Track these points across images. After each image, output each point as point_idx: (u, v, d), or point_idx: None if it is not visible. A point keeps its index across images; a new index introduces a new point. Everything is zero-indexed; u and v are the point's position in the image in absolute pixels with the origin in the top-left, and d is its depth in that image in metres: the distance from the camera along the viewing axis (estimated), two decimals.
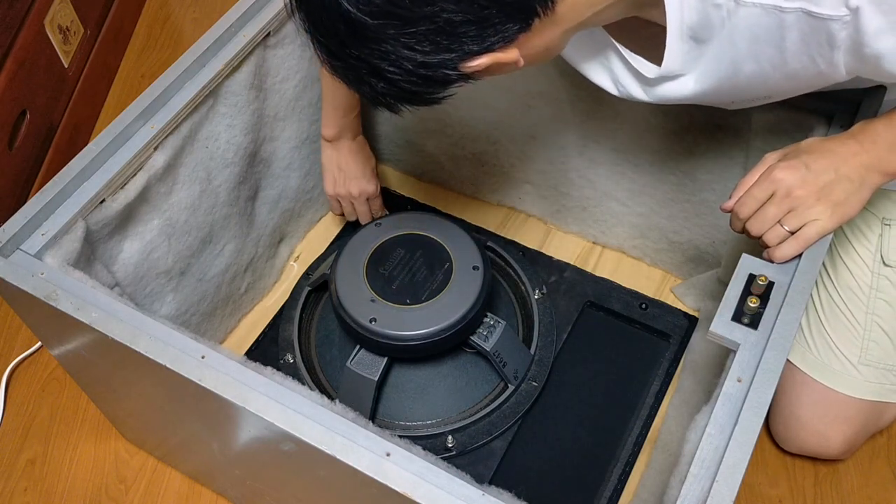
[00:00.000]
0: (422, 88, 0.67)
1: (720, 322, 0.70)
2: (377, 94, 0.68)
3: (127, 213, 0.87)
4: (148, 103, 0.86)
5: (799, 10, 0.64)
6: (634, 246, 1.18)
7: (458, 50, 0.63)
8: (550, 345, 1.05)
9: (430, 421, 0.98)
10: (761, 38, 0.67)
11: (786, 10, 0.64)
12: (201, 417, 0.79)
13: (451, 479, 0.63)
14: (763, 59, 0.69)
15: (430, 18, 0.61)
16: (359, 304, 0.93)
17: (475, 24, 0.62)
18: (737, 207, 0.75)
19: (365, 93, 0.69)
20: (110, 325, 0.72)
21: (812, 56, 0.67)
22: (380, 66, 0.64)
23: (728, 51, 0.70)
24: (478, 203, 1.28)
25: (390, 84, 0.66)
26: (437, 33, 0.62)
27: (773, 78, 0.71)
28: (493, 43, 0.64)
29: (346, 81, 0.69)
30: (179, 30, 1.64)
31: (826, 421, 0.95)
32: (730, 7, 0.66)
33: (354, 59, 0.65)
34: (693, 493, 0.62)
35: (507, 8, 0.63)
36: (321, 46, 0.66)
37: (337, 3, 0.61)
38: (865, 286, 0.91)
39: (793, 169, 0.72)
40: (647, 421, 1.02)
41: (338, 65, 0.67)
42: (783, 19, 0.65)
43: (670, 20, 0.69)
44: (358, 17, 0.61)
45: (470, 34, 0.63)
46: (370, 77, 0.66)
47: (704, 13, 0.68)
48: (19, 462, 1.07)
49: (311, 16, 0.64)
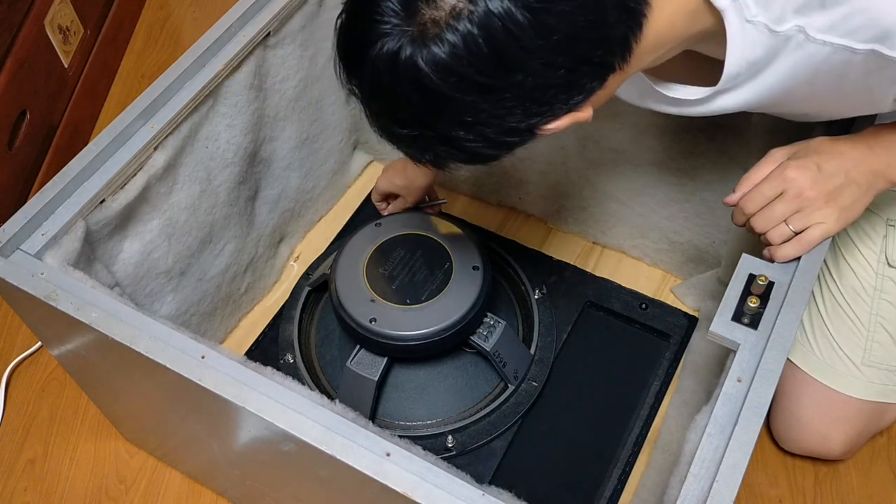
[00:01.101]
0: (493, 151, 0.64)
1: (720, 322, 0.70)
2: (439, 159, 0.65)
3: (127, 213, 0.87)
4: (148, 103, 0.86)
5: (870, 51, 0.63)
6: (634, 246, 1.18)
7: (547, 114, 0.62)
8: (550, 345, 1.04)
9: (430, 421, 0.98)
10: (823, 70, 0.66)
11: (857, 52, 0.63)
12: (201, 417, 0.79)
13: (451, 479, 0.63)
14: (818, 85, 0.68)
15: (520, 85, 0.58)
16: (359, 304, 0.93)
17: (564, 88, 0.60)
18: (743, 202, 0.75)
19: (423, 159, 0.65)
20: (110, 325, 0.72)
21: (869, 87, 0.66)
22: (455, 134, 0.61)
23: (786, 79, 0.68)
24: (478, 203, 1.28)
25: (460, 150, 0.63)
26: (527, 100, 0.59)
27: (820, 100, 0.70)
28: (576, 103, 0.63)
29: (404, 148, 0.65)
30: (179, 30, 1.64)
31: (828, 421, 0.95)
32: (799, 41, 0.65)
33: (426, 129, 0.61)
34: (693, 493, 0.62)
35: (593, 69, 0.61)
36: (382, 116, 0.63)
37: (413, 75, 0.57)
38: (869, 287, 0.91)
39: (805, 169, 0.72)
40: (647, 421, 1.02)
41: (402, 134, 0.63)
42: (852, 58, 0.64)
43: (731, 55, 0.67)
44: (441, 88, 0.57)
45: (560, 97, 0.61)
46: (439, 145, 0.63)
47: (771, 47, 0.66)
48: (19, 462, 1.07)
49: (373, 86, 0.60)
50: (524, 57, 0.57)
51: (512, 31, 0.55)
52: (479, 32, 0.55)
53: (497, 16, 0.55)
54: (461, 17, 0.55)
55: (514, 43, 0.56)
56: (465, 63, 0.56)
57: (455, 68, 0.56)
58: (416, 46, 0.56)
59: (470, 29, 0.55)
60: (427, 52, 0.56)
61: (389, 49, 0.57)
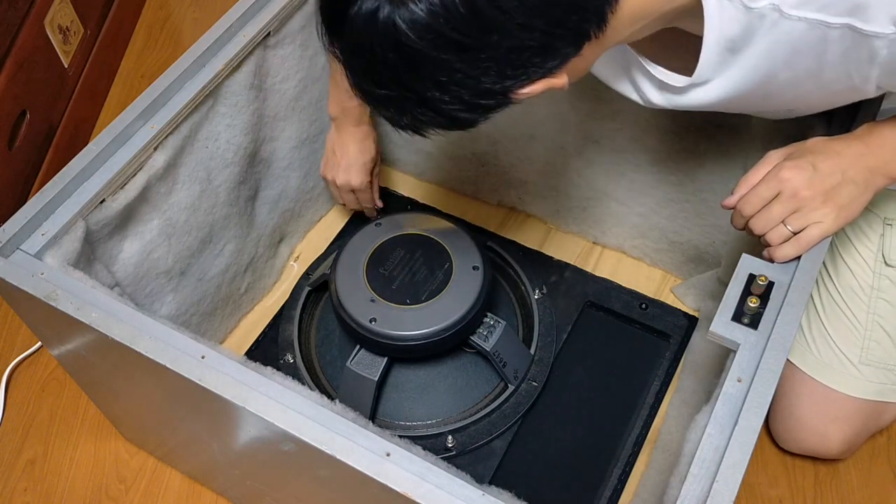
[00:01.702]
0: (469, 115, 0.65)
1: (720, 322, 0.70)
2: (417, 122, 0.66)
3: (127, 213, 0.87)
4: (148, 103, 0.86)
5: (845, 25, 0.63)
6: (634, 246, 1.18)
7: (522, 76, 0.62)
8: (550, 345, 1.05)
9: (430, 421, 0.98)
10: (802, 51, 0.66)
11: (832, 26, 0.63)
12: (201, 417, 0.79)
13: (451, 479, 0.63)
14: (799, 69, 0.68)
15: (495, 46, 0.59)
16: (359, 304, 0.93)
17: (539, 51, 0.62)
18: (741, 205, 0.75)
19: (402, 122, 0.66)
20: (110, 325, 0.72)
21: (849, 70, 0.66)
22: (432, 95, 0.62)
23: (765, 60, 0.69)
24: (478, 203, 1.28)
25: (437, 113, 0.64)
26: (502, 62, 0.60)
27: (804, 86, 0.70)
28: (551, 68, 0.64)
29: (383, 110, 0.66)
30: (179, 30, 1.64)
31: (826, 421, 0.95)
32: (774, 18, 0.65)
33: (403, 90, 0.62)
34: (693, 493, 0.62)
35: (567, 34, 0.62)
36: (362, 75, 0.63)
37: (391, 33, 0.58)
38: (867, 286, 0.91)
39: (800, 169, 0.72)
40: (647, 421, 1.02)
41: (381, 94, 0.64)
42: (827, 34, 0.64)
43: (708, 32, 0.68)
44: (417, 46, 0.58)
45: (534, 61, 0.62)
46: (416, 107, 0.64)
47: (747, 25, 0.67)
48: (19, 462, 1.07)
49: (352, 46, 0.61)
50: (500, 17, 0.58)
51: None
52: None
53: None
54: None
55: (491, 3, 0.57)
56: (441, 21, 0.57)
57: (432, 26, 0.57)
58: (395, 5, 0.58)
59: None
60: (405, 10, 0.57)
61: (368, 8, 0.58)
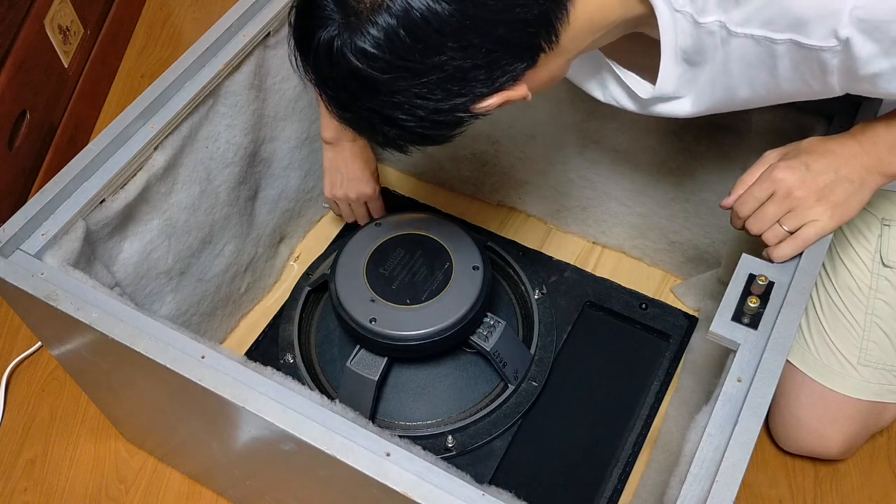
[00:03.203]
0: (434, 132, 0.68)
1: (720, 322, 0.70)
2: (389, 139, 0.69)
3: (127, 213, 0.87)
4: (148, 103, 0.86)
5: (788, 41, 0.64)
6: (634, 246, 1.18)
7: (469, 94, 0.65)
8: (550, 345, 1.05)
9: (430, 421, 0.98)
10: (754, 65, 0.68)
11: (776, 42, 0.65)
12: (201, 417, 0.79)
13: (451, 479, 0.63)
14: (757, 84, 0.70)
15: (440, 67, 0.62)
16: (359, 304, 0.93)
17: (484, 69, 0.64)
18: (737, 206, 0.76)
19: (377, 140, 0.70)
20: (110, 325, 0.72)
21: (805, 80, 0.67)
22: (392, 115, 0.65)
23: (722, 76, 0.71)
24: (478, 203, 1.28)
25: (403, 130, 0.67)
26: (448, 81, 0.63)
27: (768, 100, 0.72)
28: (502, 83, 0.66)
29: (357, 130, 0.71)
30: (179, 30, 1.64)
31: (825, 421, 0.95)
32: (722, 35, 0.67)
33: (366, 111, 0.66)
34: (693, 493, 0.62)
35: (513, 49, 0.64)
36: (330, 99, 0.67)
37: (346, 61, 0.62)
38: (865, 287, 0.91)
39: (793, 169, 0.72)
40: (647, 421, 1.02)
41: (348, 116, 0.68)
42: (774, 49, 0.66)
43: (664, 42, 0.70)
44: (368, 73, 0.62)
45: (479, 78, 0.64)
46: (383, 126, 0.67)
47: (698, 38, 0.69)
48: (19, 462, 1.07)
49: (318, 70, 0.65)
50: (441, 41, 0.61)
51: (429, 19, 0.60)
52: (399, 23, 0.60)
53: (415, 7, 0.60)
54: (381, 10, 0.60)
55: (431, 28, 0.60)
56: (386, 51, 0.61)
57: (378, 56, 0.61)
58: (347, 34, 0.62)
59: (390, 22, 0.60)
60: (356, 39, 0.61)
61: (326, 38, 0.62)
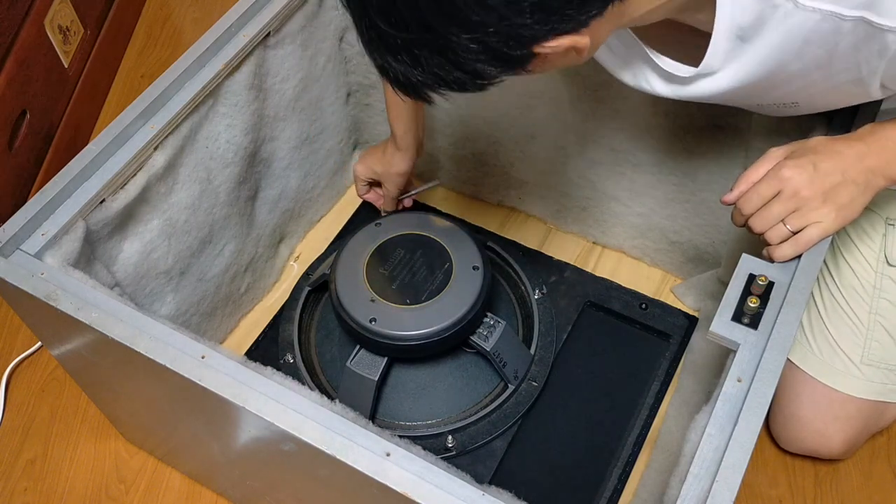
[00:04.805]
0: (491, 68, 0.60)
1: (720, 322, 0.70)
2: (428, 76, 0.61)
3: (127, 213, 0.87)
4: (148, 103, 0.86)
5: (859, 18, 0.62)
6: (634, 246, 1.18)
7: (557, 23, 0.59)
8: (550, 345, 1.05)
9: (430, 421, 0.98)
10: (813, 41, 0.66)
11: (845, 18, 0.63)
12: (201, 417, 0.79)
13: (451, 479, 0.63)
14: (809, 59, 0.68)
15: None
16: (359, 304, 0.93)
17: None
18: (741, 203, 0.75)
19: (411, 77, 0.61)
20: (110, 325, 0.72)
21: (858, 62, 0.66)
22: (457, 40, 0.57)
23: (776, 51, 0.68)
24: (478, 203, 1.28)
25: (454, 65, 0.59)
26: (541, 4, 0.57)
27: (811, 77, 0.70)
28: (580, 23, 0.60)
29: (392, 60, 0.61)
30: (179, 30, 1.64)
31: (826, 420, 0.95)
32: (787, 9, 0.64)
33: (425, 31, 0.57)
34: (693, 493, 0.62)
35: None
36: (379, 15, 0.58)
37: None
38: (869, 286, 0.91)
39: (801, 168, 0.72)
40: (647, 421, 1.02)
41: (396, 38, 0.58)
42: (840, 26, 0.63)
43: (720, 19, 0.67)
44: None
45: (570, 7, 0.58)
46: (434, 55, 0.59)
47: (759, 14, 0.66)
48: (19, 462, 1.07)
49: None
50: None
51: None
52: None
53: None
54: None
55: None
56: None
57: None
58: None
59: None
60: None
61: None
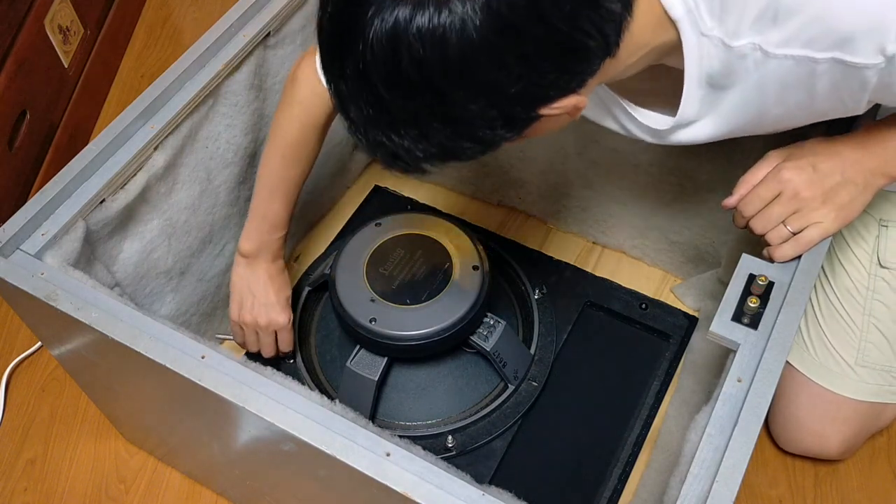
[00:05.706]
0: (496, 133, 0.60)
1: (720, 322, 0.70)
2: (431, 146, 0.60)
3: (127, 213, 0.87)
4: (148, 103, 0.86)
5: (831, 59, 0.62)
6: (634, 246, 1.18)
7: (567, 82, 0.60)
8: (550, 345, 1.04)
9: (430, 421, 0.98)
10: (791, 85, 0.66)
11: (818, 61, 0.63)
12: (201, 417, 0.79)
13: (451, 479, 0.63)
14: (791, 103, 0.68)
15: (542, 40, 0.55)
16: (359, 304, 0.93)
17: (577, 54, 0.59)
18: (741, 205, 0.76)
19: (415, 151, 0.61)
20: (110, 325, 0.72)
21: (841, 98, 0.66)
22: (466, 109, 0.57)
23: (755, 97, 0.68)
24: (478, 203, 1.28)
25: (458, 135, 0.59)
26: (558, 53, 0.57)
27: (797, 117, 0.71)
28: (581, 82, 0.61)
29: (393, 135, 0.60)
30: (179, 30, 1.64)
31: (824, 422, 0.95)
32: (757, 58, 0.65)
33: (434, 100, 0.57)
34: (693, 493, 0.62)
35: (602, 40, 0.59)
36: (386, 88, 0.57)
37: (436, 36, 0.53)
38: (862, 288, 0.91)
39: (800, 170, 0.72)
40: (647, 421, 1.02)
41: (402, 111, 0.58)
42: (815, 68, 0.64)
43: (688, 68, 0.68)
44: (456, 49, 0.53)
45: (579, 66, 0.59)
46: (440, 124, 0.58)
47: (727, 62, 0.66)
48: (19, 462, 1.07)
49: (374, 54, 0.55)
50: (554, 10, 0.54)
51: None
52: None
53: None
54: None
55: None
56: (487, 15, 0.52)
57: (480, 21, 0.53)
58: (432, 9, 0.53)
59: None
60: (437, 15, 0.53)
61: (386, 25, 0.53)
